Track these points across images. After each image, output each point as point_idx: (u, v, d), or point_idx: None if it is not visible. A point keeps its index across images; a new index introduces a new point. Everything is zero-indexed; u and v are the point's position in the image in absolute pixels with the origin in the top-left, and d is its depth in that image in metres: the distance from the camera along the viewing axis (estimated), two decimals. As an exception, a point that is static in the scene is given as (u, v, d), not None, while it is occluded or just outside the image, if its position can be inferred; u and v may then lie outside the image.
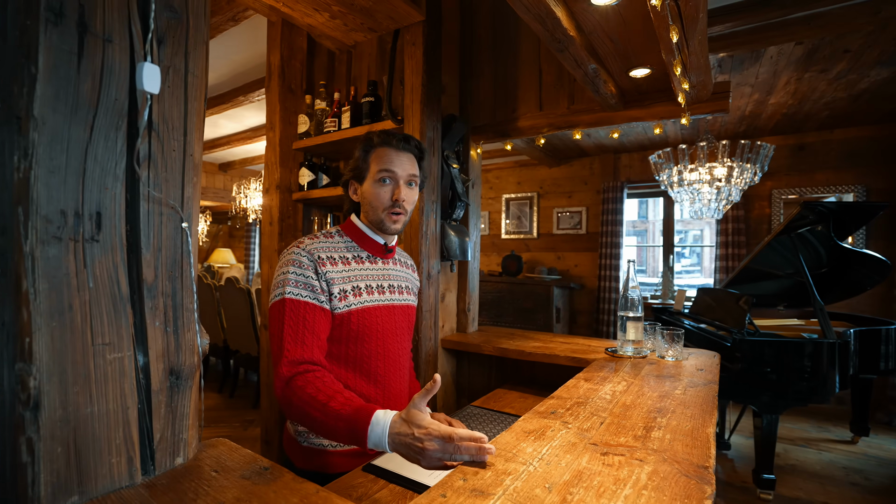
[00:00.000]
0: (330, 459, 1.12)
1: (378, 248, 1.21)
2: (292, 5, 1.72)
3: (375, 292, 1.17)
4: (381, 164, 1.13)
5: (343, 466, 1.12)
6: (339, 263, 1.13)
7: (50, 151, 0.61)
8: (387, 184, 1.14)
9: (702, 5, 1.02)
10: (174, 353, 0.75)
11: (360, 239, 1.20)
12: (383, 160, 1.13)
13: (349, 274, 1.13)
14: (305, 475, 1.12)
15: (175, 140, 0.76)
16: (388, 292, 1.20)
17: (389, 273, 1.23)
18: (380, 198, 1.14)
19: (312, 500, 0.66)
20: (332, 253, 1.13)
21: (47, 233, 0.61)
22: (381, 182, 1.14)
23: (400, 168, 1.14)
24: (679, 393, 1.20)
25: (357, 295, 1.12)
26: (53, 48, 0.61)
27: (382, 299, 1.18)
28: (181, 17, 0.76)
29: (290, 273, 1.06)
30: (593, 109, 1.95)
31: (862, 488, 2.62)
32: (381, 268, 1.21)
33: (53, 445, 0.61)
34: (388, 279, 1.22)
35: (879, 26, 2.35)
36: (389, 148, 1.14)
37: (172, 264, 0.75)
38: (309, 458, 1.13)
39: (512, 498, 0.67)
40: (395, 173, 1.13)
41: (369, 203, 1.15)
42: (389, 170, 1.13)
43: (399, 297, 1.23)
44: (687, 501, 0.67)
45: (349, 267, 1.14)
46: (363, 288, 1.14)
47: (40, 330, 0.60)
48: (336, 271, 1.11)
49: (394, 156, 1.14)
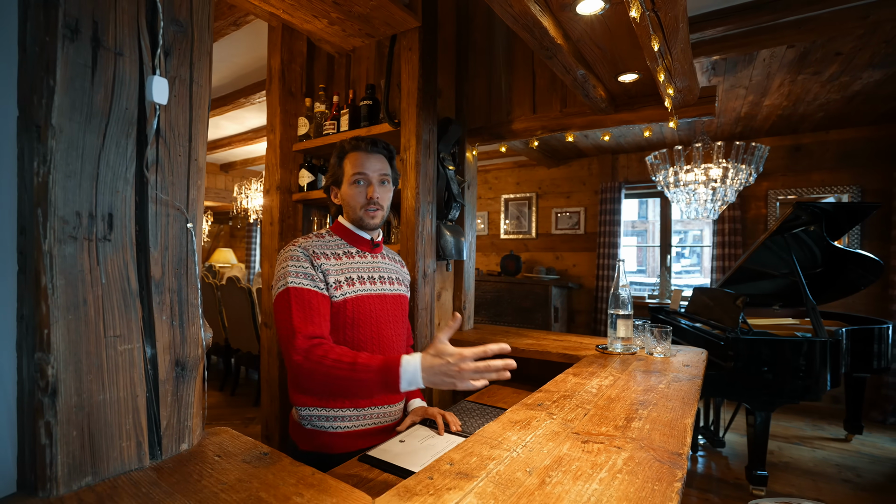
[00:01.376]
0: (330, 440, 1.21)
1: (365, 243, 1.31)
2: (292, 12, 1.77)
3: (367, 283, 1.26)
4: (354, 168, 1.24)
5: (343, 447, 1.21)
6: (332, 258, 1.22)
7: (66, 157, 0.66)
8: (361, 185, 1.25)
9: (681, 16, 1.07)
10: (180, 345, 0.80)
11: (348, 237, 1.30)
12: (355, 164, 1.24)
13: (342, 267, 1.23)
14: (308, 456, 1.20)
15: (181, 146, 0.81)
16: (380, 283, 1.29)
17: (379, 265, 1.33)
18: (356, 198, 1.25)
19: (308, 480, 0.71)
20: (325, 249, 1.23)
21: (64, 232, 0.66)
22: (356, 184, 1.25)
23: (371, 169, 1.24)
24: (663, 387, 1.24)
25: (351, 284, 1.22)
26: (70, 62, 0.66)
27: (374, 289, 1.27)
28: (186, 31, 0.81)
29: (290, 266, 1.15)
30: (584, 112, 2.00)
31: (854, 485, 2.66)
32: (370, 261, 1.31)
33: (69, 429, 0.66)
34: (377, 271, 1.31)
35: (869, 30, 2.40)
36: (360, 152, 1.25)
37: (178, 262, 0.80)
38: (310, 439, 1.22)
39: (494, 480, 0.72)
40: (367, 175, 1.24)
41: (348, 203, 1.27)
42: (362, 172, 1.24)
43: (390, 287, 1.32)
44: (658, 484, 0.72)
45: (341, 261, 1.24)
46: (356, 279, 1.24)
47: (57, 322, 0.65)
48: (330, 264, 1.21)
49: (364, 159, 1.25)
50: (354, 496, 0.67)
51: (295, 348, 1.03)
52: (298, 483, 0.70)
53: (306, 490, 0.68)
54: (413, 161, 1.86)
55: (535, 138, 2.25)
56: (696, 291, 3.29)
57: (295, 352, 1.03)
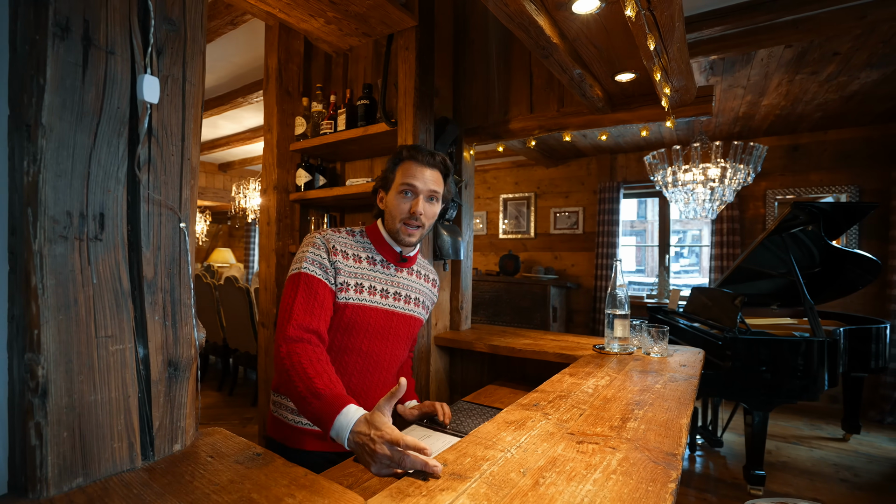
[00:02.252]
0: (291, 433, 1.20)
1: (393, 255, 1.26)
2: (288, 11, 1.77)
3: (378, 295, 1.22)
4: (405, 178, 1.19)
5: (303, 444, 1.19)
6: (351, 259, 1.19)
7: (57, 157, 0.66)
8: (407, 196, 1.19)
9: (677, 15, 1.07)
10: (172, 345, 0.80)
11: (378, 243, 1.26)
12: (407, 173, 1.19)
13: (357, 271, 1.20)
14: (271, 443, 1.20)
15: (173, 145, 0.80)
16: (393, 299, 1.25)
17: (400, 281, 1.28)
18: (399, 208, 1.20)
19: (301, 481, 0.71)
20: (346, 248, 1.20)
21: (54, 232, 0.65)
22: (403, 194, 1.19)
23: (421, 182, 1.19)
24: (659, 387, 1.24)
25: (358, 291, 1.19)
26: (60, 61, 0.66)
27: (384, 303, 1.23)
28: (179, 30, 0.81)
29: (309, 252, 1.15)
30: (582, 112, 2.00)
31: (851, 485, 2.66)
32: (392, 274, 1.26)
33: (60, 430, 0.65)
34: (396, 286, 1.26)
35: (867, 30, 2.40)
36: (415, 162, 1.19)
37: (171, 262, 0.80)
38: (276, 428, 1.22)
39: (488, 481, 0.71)
40: (416, 187, 1.18)
41: (389, 212, 1.22)
42: (411, 184, 1.18)
43: (404, 306, 1.27)
44: (652, 485, 0.71)
45: (360, 265, 1.21)
46: (366, 287, 1.20)
47: (48, 323, 0.64)
48: (345, 264, 1.18)
49: (417, 170, 1.19)
50: (347, 497, 0.66)
51: (283, 334, 1.04)
52: (291, 484, 0.70)
53: (298, 491, 0.68)
54: (410, 161, 1.86)
55: (532, 138, 2.25)
56: (694, 291, 3.29)
57: (282, 337, 1.03)
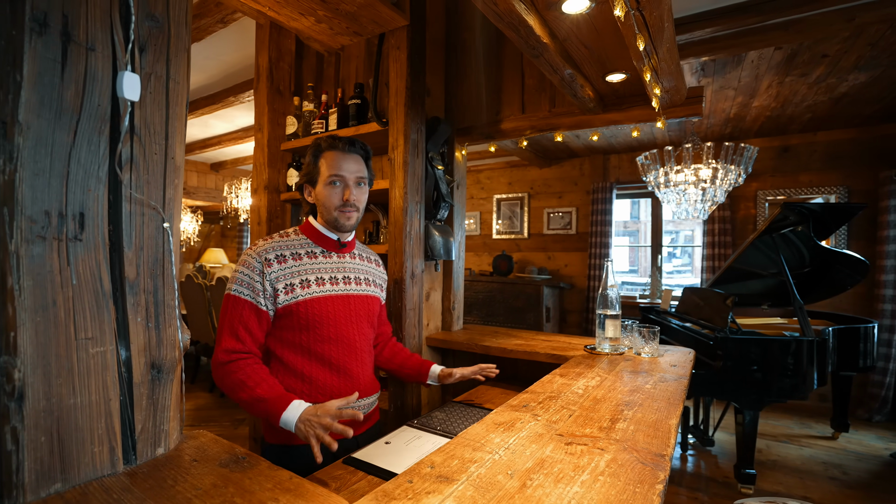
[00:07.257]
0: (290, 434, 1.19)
1: (332, 243, 1.30)
2: (278, 9, 1.75)
3: (328, 283, 1.25)
4: (331, 169, 1.23)
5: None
6: (290, 260, 1.22)
7: (34, 155, 0.64)
8: (336, 186, 1.24)
9: (666, 15, 1.07)
10: (155, 347, 0.79)
11: (314, 237, 1.29)
12: (332, 164, 1.23)
13: (299, 268, 1.22)
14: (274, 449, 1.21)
15: (157, 144, 0.79)
16: (343, 283, 1.28)
17: (345, 266, 1.31)
18: (331, 199, 1.24)
19: (285, 485, 0.70)
20: (283, 251, 1.22)
21: (32, 232, 0.64)
22: (332, 185, 1.23)
23: (347, 171, 1.24)
24: (649, 387, 1.24)
25: (305, 287, 1.21)
26: (38, 57, 0.64)
27: (336, 289, 1.26)
28: (162, 26, 0.79)
29: (240, 273, 1.18)
30: (573, 112, 2.00)
31: (840, 482, 2.69)
32: (335, 262, 1.30)
33: (37, 435, 0.64)
34: (343, 271, 1.30)
35: (855, 32, 2.42)
36: (336, 151, 1.24)
37: (154, 262, 0.79)
38: (275, 431, 1.22)
39: (475, 483, 0.71)
40: (343, 177, 1.23)
41: (323, 204, 1.26)
42: (338, 174, 1.23)
43: (356, 288, 1.31)
44: (639, 486, 0.71)
45: (300, 262, 1.23)
46: (313, 280, 1.23)
47: (25, 325, 0.63)
48: (282, 269, 1.20)
49: (341, 159, 1.24)
50: (332, 500, 0.66)
51: (214, 358, 1.13)
52: (275, 488, 0.69)
53: (282, 495, 0.67)
54: (401, 160, 1.85)
55: (524, 138, 2.25)
56: (686, 291, 3.30)
57: (215, 363, 1.13)
